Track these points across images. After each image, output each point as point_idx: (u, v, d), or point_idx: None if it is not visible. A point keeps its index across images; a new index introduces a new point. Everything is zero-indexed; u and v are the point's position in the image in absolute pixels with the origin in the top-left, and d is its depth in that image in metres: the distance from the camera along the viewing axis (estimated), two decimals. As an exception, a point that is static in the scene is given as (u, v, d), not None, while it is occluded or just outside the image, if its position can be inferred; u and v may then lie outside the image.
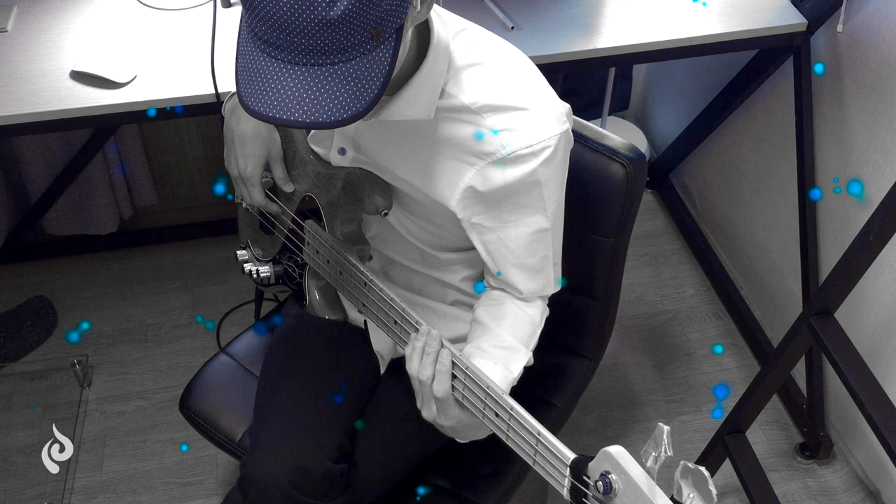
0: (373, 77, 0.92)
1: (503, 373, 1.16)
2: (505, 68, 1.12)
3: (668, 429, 0.82)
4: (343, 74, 0.90)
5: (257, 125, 1.27)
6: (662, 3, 1.85)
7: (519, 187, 1.11)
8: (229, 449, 1.50)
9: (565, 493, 0.94)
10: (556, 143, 1.10)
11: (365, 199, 1.22)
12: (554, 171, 1.12)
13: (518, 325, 1.21)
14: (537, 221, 1.16)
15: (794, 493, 1.97)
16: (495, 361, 1.16)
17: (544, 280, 1.22)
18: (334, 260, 1.26)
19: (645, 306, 2.37)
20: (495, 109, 1.09)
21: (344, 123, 0.91)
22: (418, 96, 1.07)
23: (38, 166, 2.27)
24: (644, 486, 0.84)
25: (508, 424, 1.01)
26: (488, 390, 1.03)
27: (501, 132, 1.08)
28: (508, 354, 1.19)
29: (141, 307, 2.36)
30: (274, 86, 0.91)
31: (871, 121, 1.75)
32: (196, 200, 2.55)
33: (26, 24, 1.78)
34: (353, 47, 0.89)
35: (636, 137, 2.73)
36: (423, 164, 1.15)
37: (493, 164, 1.10)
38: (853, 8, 1.74)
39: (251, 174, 1.27)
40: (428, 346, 1.09)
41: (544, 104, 1.11)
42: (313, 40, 0.88)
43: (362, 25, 0.88)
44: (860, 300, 1.82)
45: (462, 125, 1.10)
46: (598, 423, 2.10)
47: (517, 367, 1.19)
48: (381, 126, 1.16)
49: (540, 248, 1.19)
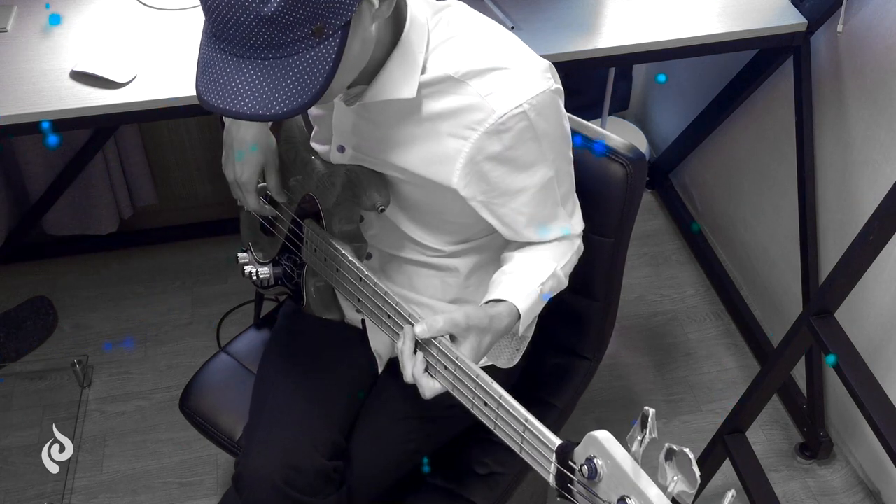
0: (315, 72, 0.94)
1: (529, 276, 1.18)
2: (481, 35, 1.13)
3: (654, 411, 0.82)
4: (285, 69, 0.93)
5: (257, 134, 1.29)
6: (662, 3, 1.85)
7: (517, 149, 1.11)
8: (229, 448, 1.50)
9: (551, 479, 0.94)
10: (545, 98, 1.10)
11: (362, 195, 1.22)
12: (549, 125, 1.12)
13: (542, 248, 1.23)
14: (542, 174, 1.16)
15: (794, 493, 1.97)
16: (520, 269, 1.19)
17: (563, 222, 1.23)
18: (331, 257, 1.26)
19: (645, 306, 2.37)
20: (478, 73, 1.09)
21: (284, 116, 0.94)
22: (397, 74, 1.08)
23: (38, 166, 2.27)
24: (629, 469, 0.84)
25: (497, 413, 1.01)
26: (478, 379, 1.03)
27: (488, 97, 1.08)
28: (535, 264, 1.21)
29: (141, 307, 2.36)
30: (222, 77, 0.94)
31: (871, 121, 1.75)
32: (196, 200, 2.55)
33: (26, 24, 1.78)
34: (293, 43, 0.92)
35: (636, 137, 2.73)
36: (420, 147, 1.15)
37: (486, 134, 1.09)
38: (853, 8, 1.74)
39: (247, 180, 1.30)
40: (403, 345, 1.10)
41: (525, 62, 1.11)
42: (252, 35, 0.91)
43: (300, 22, 0.91)
44: (860, 300, 1.82)
45: (449, 97, 1.10)
46: (599, 424, 2.09)
47: (544, 272, 1.20)
48: (375, 118, 1.17)
49: (549, 196, 1.19)
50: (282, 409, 1.33)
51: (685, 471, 0.80)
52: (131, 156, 2.36)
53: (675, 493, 0.81)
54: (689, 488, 0.80)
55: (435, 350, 1.09)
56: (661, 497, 0.82)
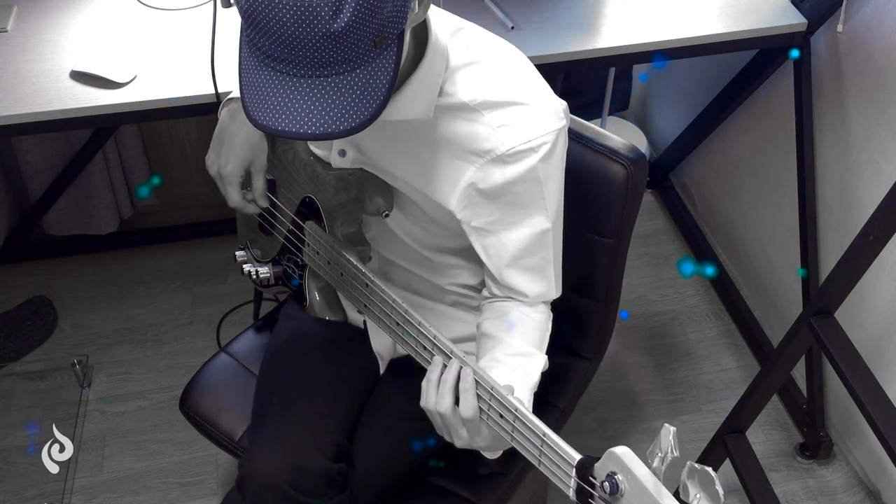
0: (378, 84, 0.92)
1: (523, 378, 1.15)
2: (502, 65, 1.12)
3: (675, 430, 0.82)
4: (348, 84, 0.90)
5: (250, 130, 1.26)
6: (662, 3, 1.85)
7: (519, 185, 1.11)
8: (229, 448, 1.50)
9: (571, 493, 0.94)
10: (554, 138, 1.10)
11: (366, 199, 1.22)
12: (553, 168, 1.12)
13: (527, 331, 1.21)
14: (539, 222, 1.15)
15: (794, 493, 1.97)
16: (513, 369, 1.15)
17: (546, 282, 1.22)
18: (335, 261, 1.25)
19: (645, 306, 2.37)
20: (493, 105, 1.09)
21: (353, 132, 0.91)
22: (417, 96, 1.07)
23: (38, 166, 2.27)
24: (650, 486, 0.84)
25: (513, 426, 1.01)
26: (493, 391, 1.03)
27: (499, 128, 1.08)
28: (524, 360, 1.17)
29: (141, 307, 2.36)
30: (280, 100, 0.91)
31: (871, 121, 1.75)
32: (196, 200, 2.55)
33: (26, 24, 1.78)
34: (356, 57, 0.89)
35: (636, 137, 2.73)
36: (423, 164, 1.15)
37: (492, 162, 1.10)
38: (853, 8, 1.74)
39: (230, 172, 1.24)
40: (446, 373, 1.07)
41: (542, 100, 1.11)
42: (317, 53, 0.88)
43: (365, 35, 0.88)
44: (860, 300, 1.82)
45: (461, 123, 1.10)
46: (599, 423, 2.10)
47: (535, 372, 1.18)
48: (381, 127, 1.16)
49: (540, 249, 1.18)
50: (285, 410, 1.33)
51: (708, 489, 0.81)
52: (131, 156, 2.36)
53: None
54: None
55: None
56: None
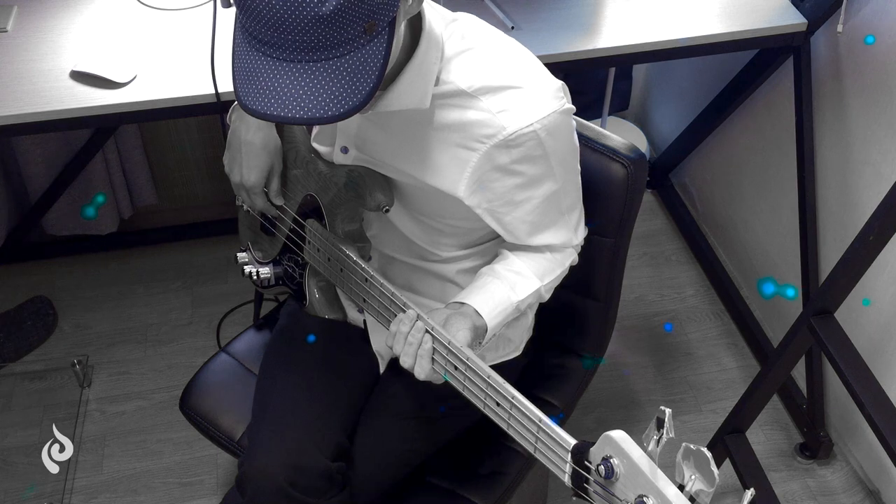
0: (368, 71, 0.93)
1: (508, 293, 1.18)
2: (497, 51, 1.13)
3: (670, 411, 0.83)
4: (338, 69, 0.91)
5: (266, 137, 1.29)
6: (662, 3, 1.85)
7: (525, 164, 1.12)
8: (229, 448, 1.50)
9: (567, 479, 0.95)
10: (555, 119, 1.10)
11: (367, 196, 1.22)
12: (559, 143, 1.13)
13: (535, 259, 1.23)
14: (547, 187, 1.16)
15: (794, 493, 1.97)
16: (502, 280, 1.18)
17: (566, 230, 1.23)
18: (335, 258, 1.26)
19: (645, 306, 2.37)
20: (491, 91, 1.09)
21: (342, 118, 0.93)
22: (412, 86, 1.08)
23: (38, 166, 2.27)
24: (646, 468, 0.84)
25: (510, 413, 1.01)
26: (489, 380, 1.03)
27: (499, 113, 1.08)
28: (518, 279, 1.20)
29: (141, 307, 2.36)
30: (270, 84, 0.92)
31: (871, 121, 1.75)
32: (196, 200, 2.55)
33: (26, 24, 1.78)
34: (347, 42, 0.91)
35: (636, 137, 2.73)
36: (427, 155, 1.15)
37: (496, 147, 1.10)
38: (853, 8, 1.74)
39: (255, 183, 1.30)
40: (412, 336, 1.10)
41: (538, 82, 1.11)
42: (307, 36, 0.89)
43: (355, 19, 0.89)
44: (860, 300, 1.82)
45: (460, 110, 1.10)
46: (599, 423, 2.09)
47: (523, 292, 1.20)
48: (382, 122, 1.16)
49: (553, 207, 1.20)
50: (285, 410, 1.33)
51: (703, 470, 0.81)
52: (131, 156, 2.36)
53: (692, 492, 0.82)
54: (706, 487, 0.81)
55: (444, 350, 1.08)
56: (679, 496, 0.82)
